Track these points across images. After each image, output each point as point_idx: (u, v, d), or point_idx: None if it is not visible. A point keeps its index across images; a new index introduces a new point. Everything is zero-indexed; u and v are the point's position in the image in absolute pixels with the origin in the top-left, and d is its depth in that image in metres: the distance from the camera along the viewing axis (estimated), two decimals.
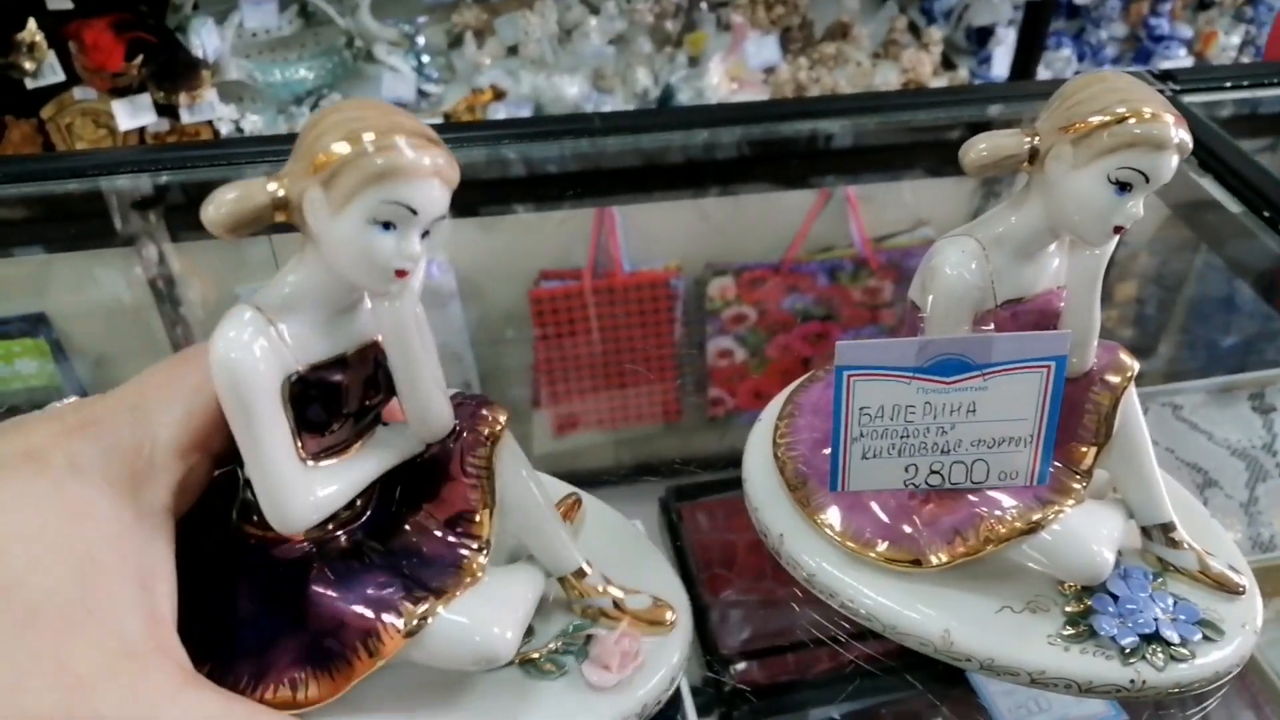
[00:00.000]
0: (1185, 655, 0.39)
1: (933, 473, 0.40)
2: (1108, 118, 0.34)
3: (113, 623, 0.29)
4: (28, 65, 1.33)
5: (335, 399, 0.33)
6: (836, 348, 0.38)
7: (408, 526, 0.36)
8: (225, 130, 1.42)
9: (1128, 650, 0.39)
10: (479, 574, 0.35)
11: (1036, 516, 0.39)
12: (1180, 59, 1.65)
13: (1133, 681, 0.38)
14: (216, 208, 0.29)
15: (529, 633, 0.38)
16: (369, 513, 0.35)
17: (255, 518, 0.34)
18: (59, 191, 0.75)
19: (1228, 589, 0.41)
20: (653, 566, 0.42)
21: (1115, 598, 0.40)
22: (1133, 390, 0.41)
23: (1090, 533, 0.39)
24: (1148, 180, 0.35)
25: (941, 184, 0.93)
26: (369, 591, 0.34)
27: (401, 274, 0.31)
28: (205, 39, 1.43)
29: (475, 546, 0.36)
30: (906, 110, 0.87)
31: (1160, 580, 0.41)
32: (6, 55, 1.32)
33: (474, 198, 0.80)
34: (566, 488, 0.45)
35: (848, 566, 0.42)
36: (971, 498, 0.41)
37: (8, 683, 0.27)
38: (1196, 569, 0.41)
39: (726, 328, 0.81)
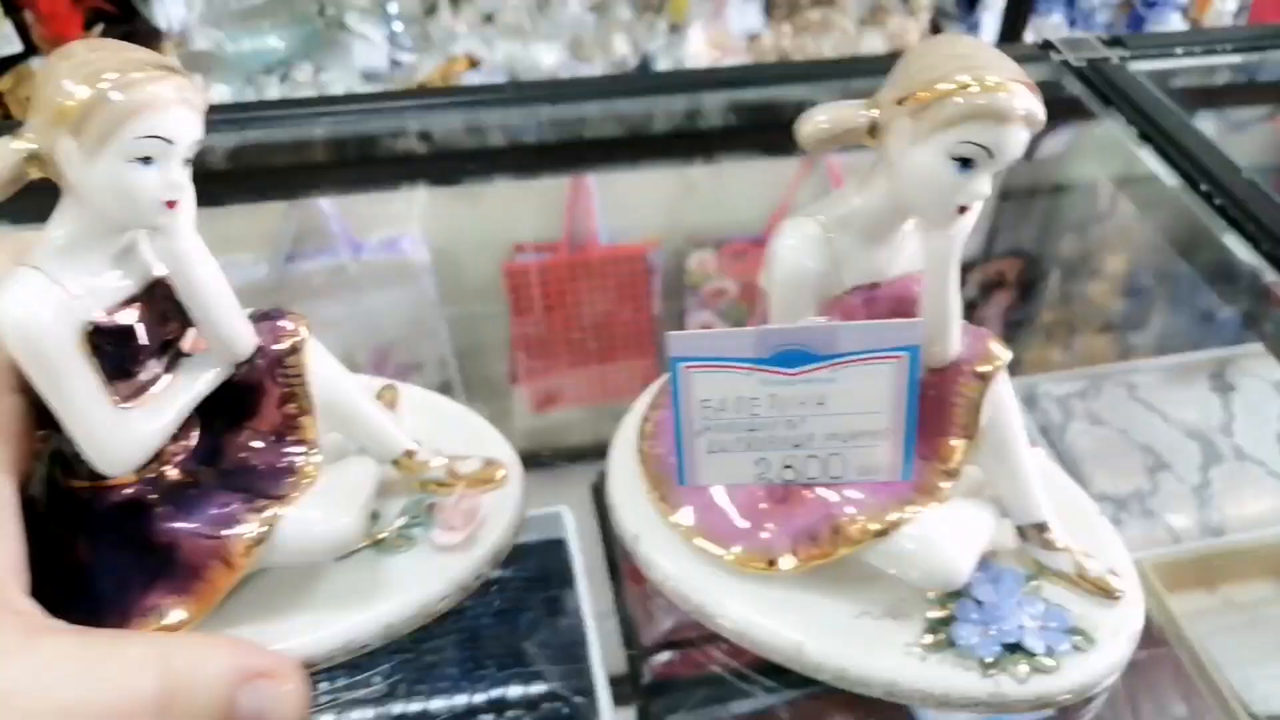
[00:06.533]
0: (1049, 667, 0.36)
1: (786, 467, 0.38)
2: (949, 86, 0.31)
3: None
4: None
5: (134, 340, 0.34)
6: (668, 338, 0.35)
7: (237, 447, 0.38)
8: None
9: (988, 661, 0.36)
10: (313, 474, 0.37)
11: (892, 516, 0.37)
12: (1174, 24, 1.59)
13: (992, 695, 0.36)
14: None
15: (374, 517, 0.40)
16: (195, 442, 0.36)
17: (78, 471, 0.34)
18: None
19: (1105, 593, 0.38)
20: (481, 434, 0.44)
21: (980, 603, 0.38)
22: (1004, 381, 0.38)
23: (946, 535, 0.36)
24: (992, 156, 0.32)
25: None
26: (212, 512, 0.35)
27: (172, 204, 0.31)
28: (170, 8, 1.40)
29: (305, 450, 0.38)
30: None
31: (1035, 584, 0.39)
32: None
33: (446, 168, 0.78)
34: (381, 381, 0.46)
35: (704, 570, 0.40)
36: (830, 497, 0.38)
37: None
38: (1073, 572, 0.39)
39: (707, 302, 0.79)
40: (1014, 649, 0.37)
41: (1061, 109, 0.73)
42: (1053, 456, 0.62)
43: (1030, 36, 1.56)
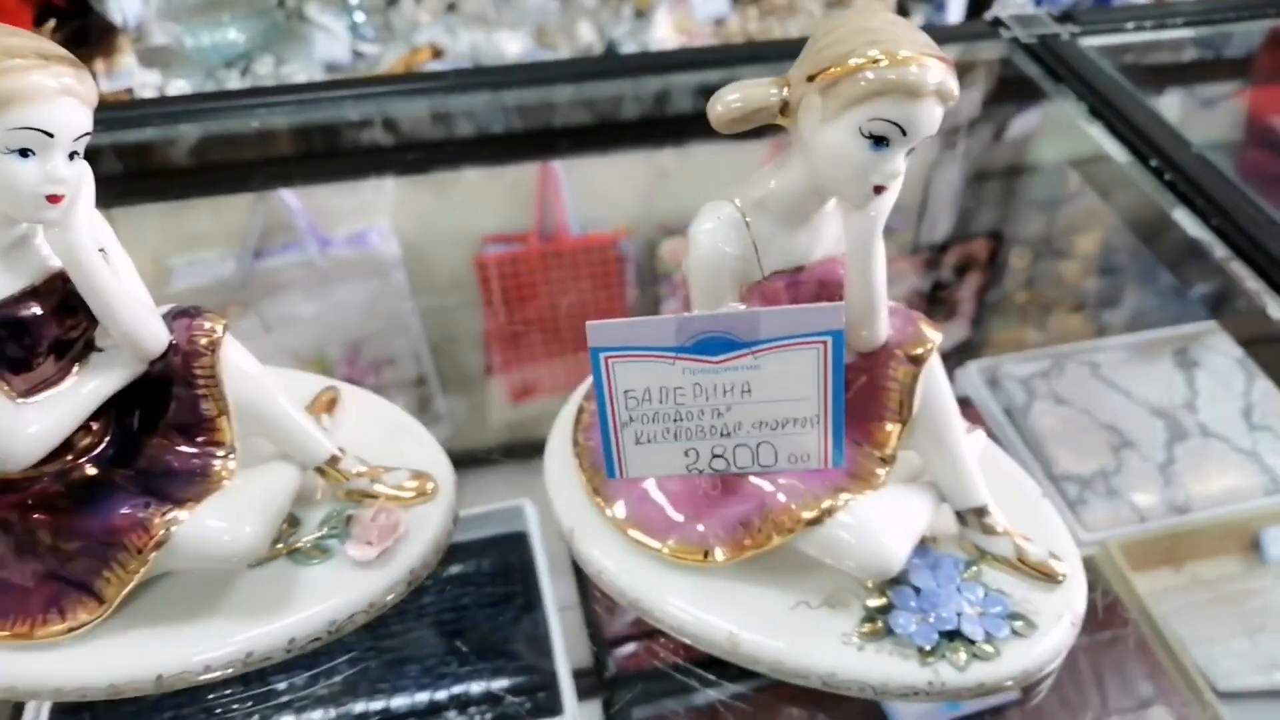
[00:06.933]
0: (989, 654, 0.35)
1: (716, 457, 0.37)
2: (858, 61, 0.30)
3: None
4: None
5: (30, 332, 0.33)
6: (587, 328, 0.34)
7: (152, 446, 0.37)
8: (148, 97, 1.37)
9: (926, 649, 0.35)
10: (227, 478, 0.36)
11: (826, 504, 0.36)
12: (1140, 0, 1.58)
13: (931, 683, 0.35)
14: None
15: (295, 523, 0.39)
16: (109, 438, 0.36)
17: None
18: None
19: (1046, 577, 0.38)
20: (418, 443, 0.44)
21: (918, 590, 0.37)
22: (936, 364, 0.37)
23: (881, 522, 0.35)
24: (905, 133, 0.30)
25: None
26: (121, 511, 0.34)
27: (54, 199, 0.30)
28: (125, 3, 1.38)
29: (220, 453, 0.37)
30: None
31: (974, 569, 0.38)
32: None
33: (413, 158, 0.77)
34: (324, 381, 0.45)
35: (640, 563, 0.39)
36: (764, 486, 0.37)
37: None
38: (1013, 556, 0.38)
39: (680, 290, 0.78)
40: (953, 636, 0.36)
41: (1013, 87, 0.72)
42: (1016, 437, 0.61)
43: (996, 14, 1.54)
